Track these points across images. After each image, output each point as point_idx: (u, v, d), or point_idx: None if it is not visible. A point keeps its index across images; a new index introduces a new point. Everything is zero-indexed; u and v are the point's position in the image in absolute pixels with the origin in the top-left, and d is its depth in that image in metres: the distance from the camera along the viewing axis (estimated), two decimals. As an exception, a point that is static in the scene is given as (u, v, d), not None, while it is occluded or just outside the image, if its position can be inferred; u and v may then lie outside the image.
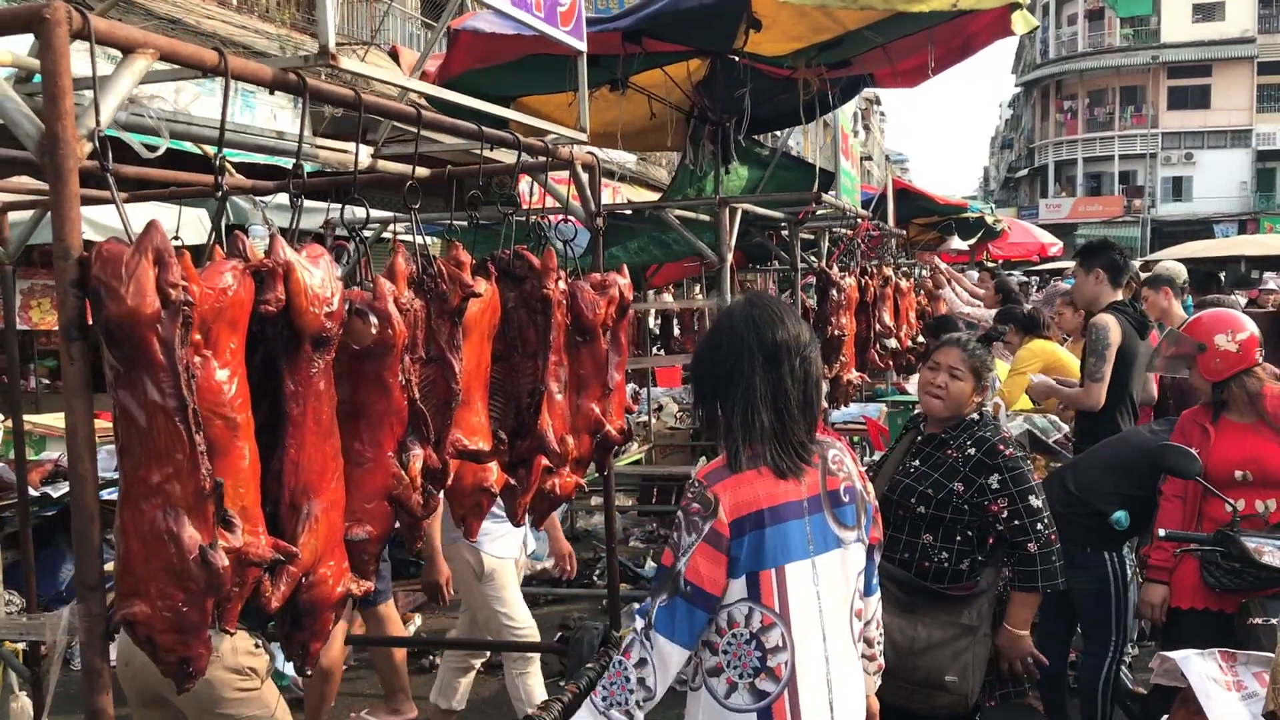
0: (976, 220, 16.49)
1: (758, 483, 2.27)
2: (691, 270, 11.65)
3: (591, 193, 3.84)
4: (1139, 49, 48.48)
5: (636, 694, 2.21)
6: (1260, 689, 2.74)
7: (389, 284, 2.51)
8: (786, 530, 2.27)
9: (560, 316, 3.21)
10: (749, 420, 2.32)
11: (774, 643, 2.25)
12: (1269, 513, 3.72)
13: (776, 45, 5.56)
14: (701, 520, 2.23)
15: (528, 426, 3.10)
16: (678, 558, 2.24)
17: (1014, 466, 3.42)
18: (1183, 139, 48.37)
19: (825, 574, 2.33)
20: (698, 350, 2.51)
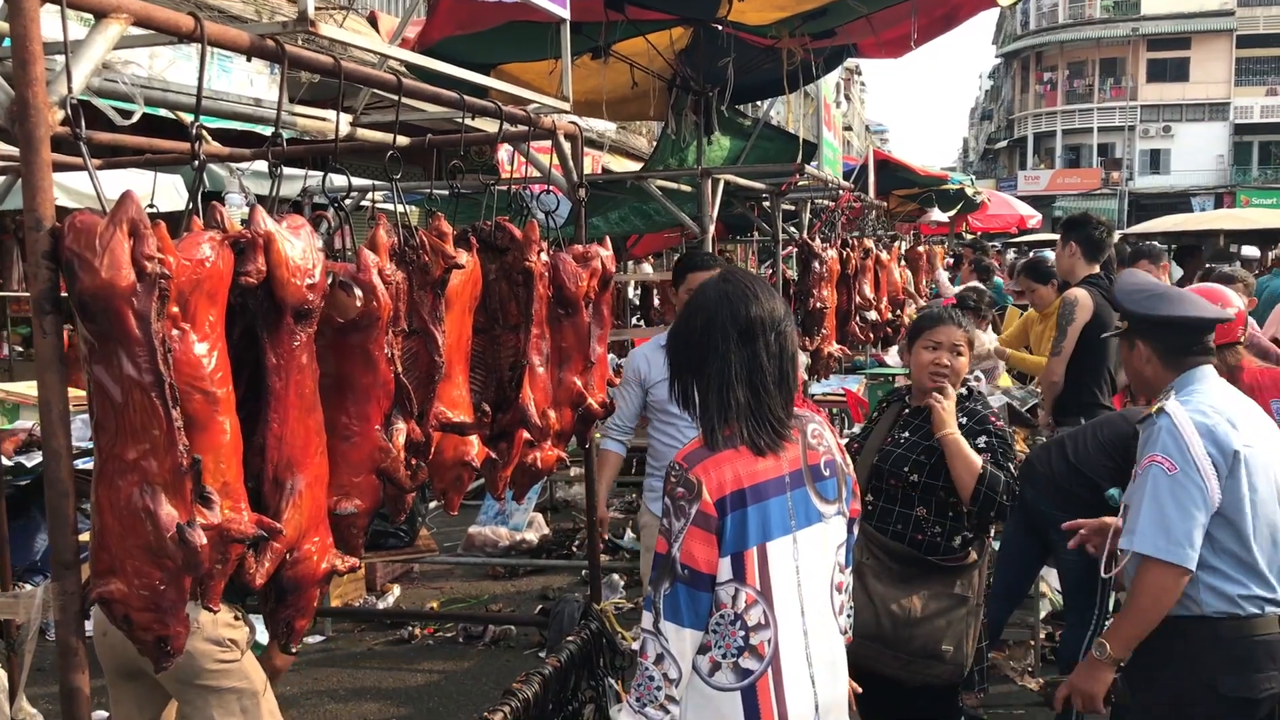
0: (956, 192, 16.48)
1: (737, 461, 2.25)
2: (672, 241, 11.60)
3: (574, 163, 3.80)
4: (1119, 21, 48.46)
5: (664, 689, 2.20)
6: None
7: (373, 255, 2.47)
8: (768, 508, 2.26)
9: (542, 289, 3.18)
10: (725, 399, 2.28)
11: (756, 620, 2.24)
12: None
13: (760, 14, 5.51)
14: (687, 504, 2.20)
15: (509, 399, 3.07)
16: (671, 544, 2.22)
17: (1002, 436, 3.51)
18: (1161, 112, 48.43)
19: (806, 549, 2.33)
20: (673, 328, 2.46)
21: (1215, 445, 2.79)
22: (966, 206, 17.77)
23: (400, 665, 5.77)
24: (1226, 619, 2.78)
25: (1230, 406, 2.89)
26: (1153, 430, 2.87)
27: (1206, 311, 3.03)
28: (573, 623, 4.01)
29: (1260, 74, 47.97)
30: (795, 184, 7.11)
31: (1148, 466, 2.82)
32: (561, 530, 7.90)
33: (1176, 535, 2.74)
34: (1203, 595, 2.80)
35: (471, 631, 6.10)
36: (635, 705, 2.22)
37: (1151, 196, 45.12)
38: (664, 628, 2.20)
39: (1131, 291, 3.14)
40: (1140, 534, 2.79)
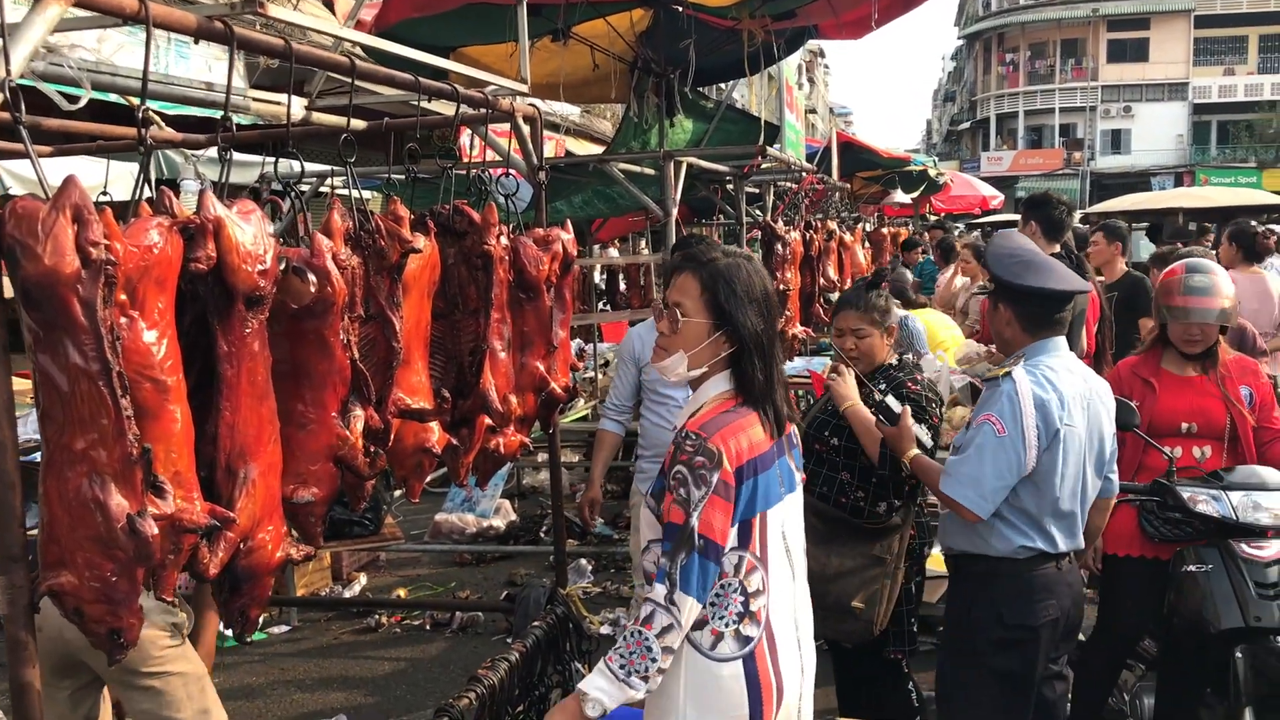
0: (919, 173, 16.53)
1: (749, 430, 2.30)
2: (637, 224, 11.58)
3: (534, 145, 3.77)
4: (1079, 2, 48.71)
5: (659, 662, 2.19)
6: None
7: (326, 240, 2.44)
8: (769, 477, 2.32)
9: (502, 273, 3.15)
10: (764, 373, 2.37)
11: (756, 586, 2.29)
12: (1205, 459, 3.79)
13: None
14: (709, 472, 2.22)
15: (470, 385, 3.05)
16: (689, 514, 2.21)
17: (915, 398, 3.62)
18: (1121, 92, 48.83)
19: (790, 515, 2.42)
20: (725, 277, 2.38)
21: (1044, 420, 3.07)
22: (929, 188, 17.84)
23: (367, 654, 5.75)
24: (1007, 560, 3.16)
25: (1065, 384, 3.14)
26: (995, 391, 3.13)
27: (1068, 284, 3.22)
28: (539, 608, 4.01)
29: (1218, 54, 48.46)
30: (758, 166, 7.10)
31: (982, 423, 3.09)
32: (529, 516, 7.89)
33: (985, 490, 3.07)
34: (993, 539, 3.16)
35: (439, 619, 6.08)
36: (620, 673, 2.18)
37: (1113, 176, 45.50)
38: (678, 600, 2.19)
39: (1002, 256, 3.30)
40: (956, 480, 3.10)
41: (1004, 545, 3.16)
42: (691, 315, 2.38)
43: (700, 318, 2.37)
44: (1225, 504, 3.43)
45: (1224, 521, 3.44)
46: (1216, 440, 3.78)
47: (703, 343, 2.37)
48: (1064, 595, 3.22)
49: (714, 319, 2.37)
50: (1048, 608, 3.18)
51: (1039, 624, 3.18)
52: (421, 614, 6.17)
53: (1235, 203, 10.76)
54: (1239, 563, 3.38)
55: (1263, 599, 3.32)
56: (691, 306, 2.38)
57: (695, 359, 2.38)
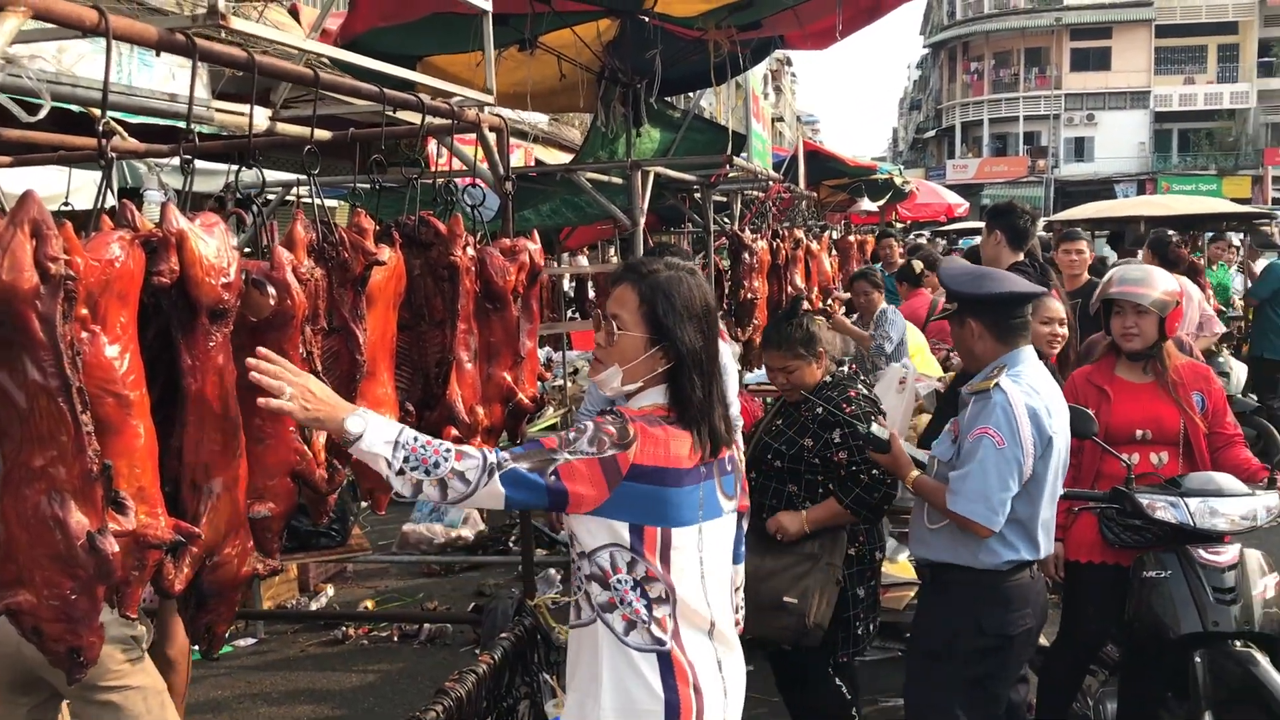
0: (885, 182, 16.66)
1: (674, 442, 2.23)
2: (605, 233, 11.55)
3: (500, 155, 3.77)
4: (1042, 11, 49.22)
5: (430, 476, 2.08)
6: None
7: (287, 253, 2.43)
8: (681, 495, 2.24)
9: (468, 284, 3.15)
10: (703, 391, 2.29)
11: (658, 593, 2.23)
12: (1162, 465, 3.84)
13: (686, 6, 5.51)
14: (609, 444, 2.16)
15: (436, 396, 3.05)
16: (561, 449, 2.16)
17: (853, 422, 3.71)
18: (1084, 100, 49.31)
19: (709, 542, 2.32)
20: (664, 290, 2.31)
21: (1038, 429, 3.17)
22: (895, 196, 17.97)
23: (335, 666, 5.71)
24: (990, 572, 3.23)
25: (1047, 391, 3.24)
26: (988, 404, 3.17)
27: (1026, 286, 3.36)
28: (506, 619, 3.99)
29: (1178, 63, 49.07)
30: (725, 175, 7.13)
31: (980, 437, 3.13)
32: (498, 526, 7.86)
33: (994, 503, 3.13)
34: (980, 553, 3.22)
35: (407, 630, 6.05)
36: (403, 446, 2.09)
37: (1076, 184, 45.92)
38: (493, 483, 2.10)
39: (957, 275, 3.45)
40: (964, 498, 3.15)
41: (991, 559, 3.22)
42: (629, 328, 2.31)
43: (637, 331, 2.30)
44: (1183, 510, 3.48)
45: (1182, 528, 3.49)
46: (1172, 446, 3.84)
47: (639, 357, 2.30)
48: (1037, 604, 3.31)
49: (651, 333, 2.29)
50: (1024, 617, 3.26)
51: (1015, 633, 3.25)
52: (389, 625, 6.14)
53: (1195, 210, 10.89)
54: (1197, 568, 3.43)
55: (1220, 604, 3.37)
56: (629, 319, 2.31)
57: (631, 373, 2.32)
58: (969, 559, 3.24)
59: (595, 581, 2.25)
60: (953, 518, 3.21)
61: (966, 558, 3.24)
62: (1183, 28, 47.90)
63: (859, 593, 3.85)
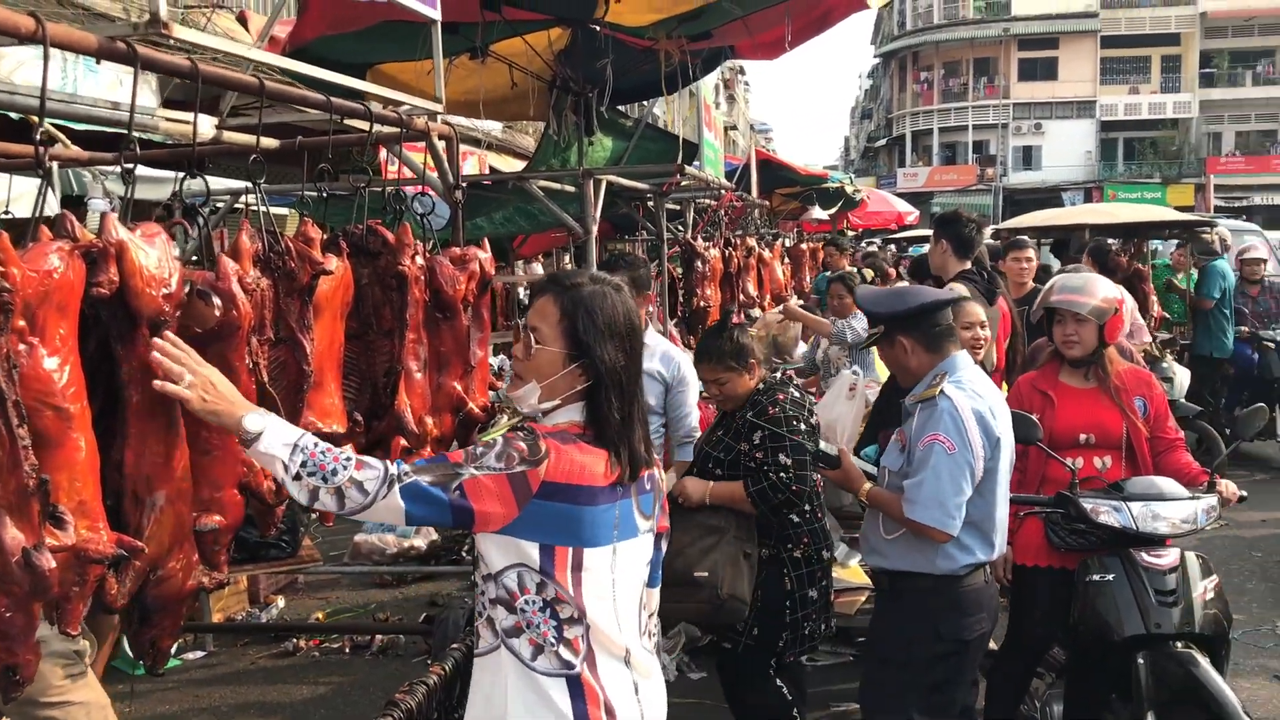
0: (836, 190, 16.79)
1: (588, 459, 2.16)
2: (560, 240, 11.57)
3: (449, 164, 3.76)
4: (991, 21, 49.86)
5: (326, 484, 2.01)
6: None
7: (233, 263, 2.41)
8: (595, 514, 2.16)
9: (418, 293, 3.14)
10: (621, 413, 2.22)
11: (568, 615, 2.15)
12: (1106, 469, 3.91)
13: (637, 16, 5.52)
14: (520, 460, 2.08)
15: (385, 407, 3.03)
16: (467, 463, 2.08)
17: (773, 426, 3.78)
18: (1032, 109, 50.00)
19: (623, 563, 2.24)
20: (587, 306, 2.24)
21: (985, 431, 3.23)
22: (846, 204, 18.11)
23: (285, 679, 5.65)
24: (947, 577, 3.28)
25: (990, 394, 3.32)
26: (935, 411, 3.22)
27: (938, 296, 3.47)
28: (458, 629, 3.98)
29: (1123, 73, 49.93)
30: (677, 184, 7.16)
31: (931, 444, 3.18)
32: (451, 535, 7.81)
33: (949, 508, 3.18)
34: (938, 559, 3.28)
35: (358, 642, 6.00)
36: (301, 450, 2.02)
37: (1024, 192, 46.55)
38: (392, 496, 2.03)
39: (875, 298, 3.55)
40: (921, 505, 3.19)
41: (948, 564, 3.28)
42: (547, 343, 2.22)
43: (556, 346, 2.22)
44: (1126, 514, 3.54)
45: (1124, 531, 3.55)
46: (1115, 450, 3.91)
47: (557, 373, 2.21)
48: (991, 609, 3.37)
49: (571, 349, 2.21)
50: (979, 621, 3.31)
51: (971, 638, 3.31)
52: (340, 637, 6.08)
53: (1139, 219, 11.05)
54: (1139, 571, 3.49)
55: (1162, 606, 3.43)
56: (549, 333, 2.23)
57: (549, 390, 2.23)
58: (927, 566, 3.28)
59: (501, 605, 2.16)
60: (910, 526, 3.24)
61: (924, 564, 3.28)
62: (1127, 39, 48.73)
63: (810, 594, 3.86)
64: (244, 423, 2.02)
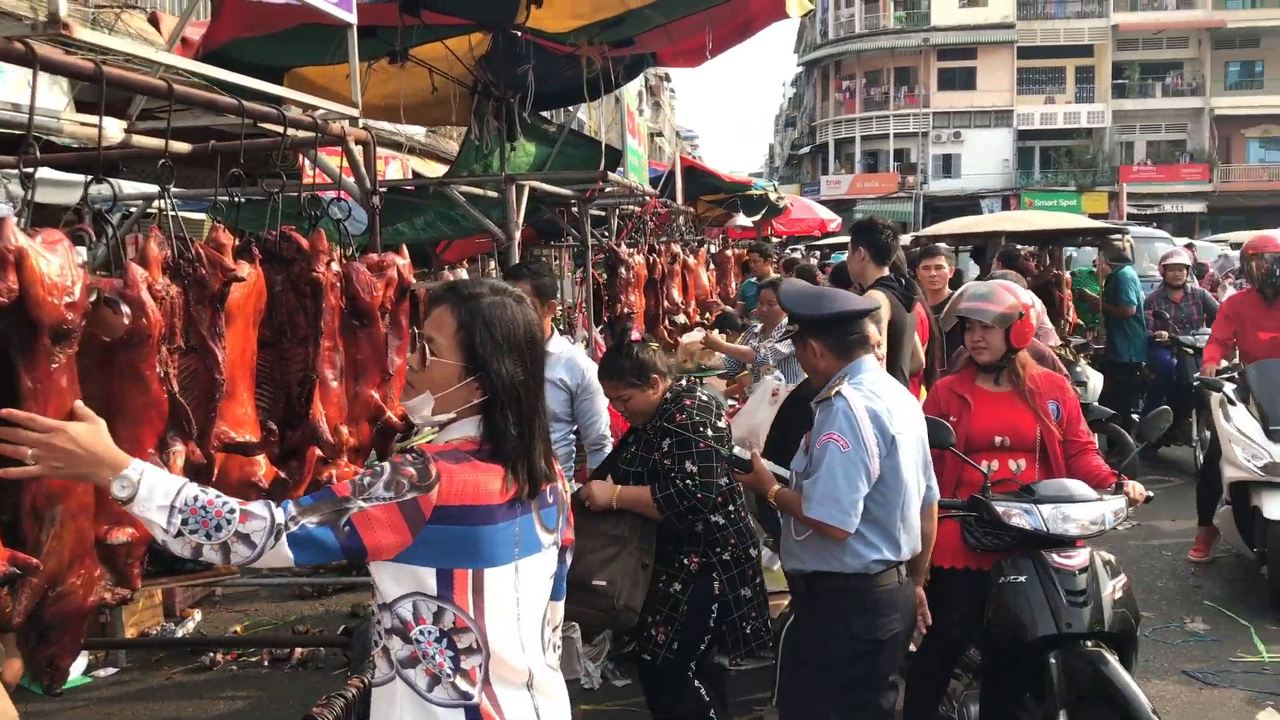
0: (760, 197, 16.94)
1: (484, 477, 2.09)
2: (484, 246, 11.50)
3: (366, 169, 3.72)
4: (911, 31, 50.62)
5: (211, 540, 1.91)
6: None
7: (142, 270, 2.36)
8: (494, 533, 2.10)
9: (333, 300, 3.10)
10: (519, 429, 2.15)
11: (467, 644, 2.08)
12: (1020, 471, 3.99)
13: (558, 22, 5.52)
14: (410, 487, 2.01)
15: (299, 416, 2.98)
16: (354, 496, 2.00)
17: (681, 432, 3.84)
18: (952, 118, 50.87)
19: (526, 579, 2.18)
20: (478, 336, 2.16)
21: (880, 429, 3.27)
22: (770, 211, 18.28)
23: (201, 694, 5.53)
24: (858, 575, 3.31)
25: (889, 395, 3.36)
26: (831, 411, 3.29)
27: (860, 305, 3.53)
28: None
29: (1039, 83, 51.02)
30: (601, 190, 7.16)
31: (826, 443, 3.24)
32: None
33: (844, 505, 3.22)
34: (846, 557, 3.30)
35: (277, 655, 5.89)
36: (180, 507, 1.91)
37: (944, 199, 47.32)
38: (280, 545, 1.94)
39: (797, 298, 3.59)
40: (817, 502, 3.25)
41: (856, 562, 3.30)
42: (443, 355, 2.15)
43: (452, 359, 2.14)
44: (1037, 517, 3.61)
45: (1036, 534, 3.62)
46: (1029, 453, 4.00)
47: (452, 386, 2.14)
48: (905, 609, 3.40)
49: (467, 362, 2.13)
50: (893, 622, 3.34)
51: (885, 638, 3.33)
52: (259, 651, 5.97)
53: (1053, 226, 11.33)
54: (1050, 572, 3.57)
55: (1073, 606, 3.51)
56: (444, 345, 2.15)
57: (443, 403, 2.16)
58: (836, 565, 3.31)
59: (396, 635, 2.09)
60: (810, 524, 3.29)
61: (833, 564, 3.31)
62: (1043, 49, 49.83)
63: (744, 593, 3.91)
64: (112, 489, 1.89)
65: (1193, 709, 4.92)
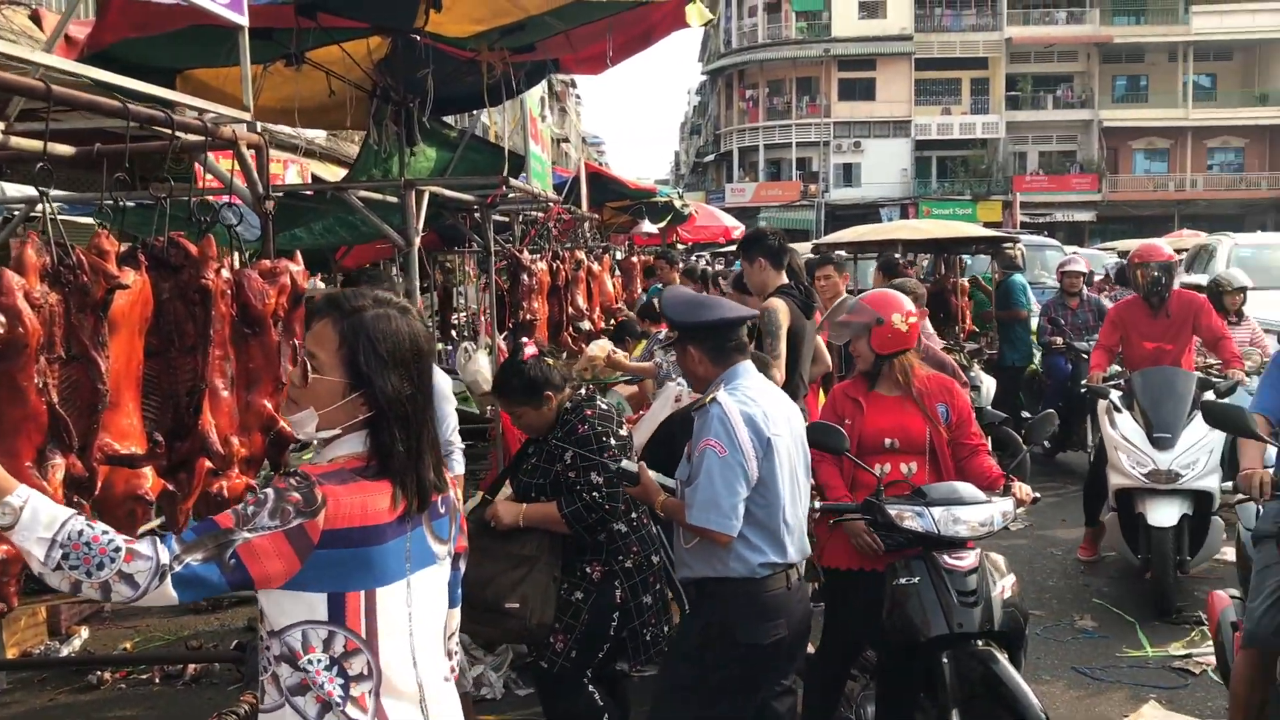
0: (665, 204, 17.05)
1: (372, 497, 2.04)
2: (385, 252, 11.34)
3: (259, 174, 3.65)
4: (812, 42, 51.41)
5: (92, 578, 1.84)
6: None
7: (18, 278, 2.29)
8: (385, 551, 2.05)
9: (223, 307, 3.04)
10: (407, 444, 2.10)
11: (358, 670, 2.04)
12: (913, 474, 4.08)
13: (458, 26, 5.48)
14: (296, 513, 1.95)
15: (188, 426, 2.91)
16: (239, 527, 1.94)
17: (583, 444, 3.86)
18: (852, 128, 51.75)
19: (419, 593, 2.15)
20: (361, 352, 2.10)
21: (755, 432, 3.31)
22: (675, 218, 18.41)
23: (88, 714, 5.35)
24: (745, 580, 3.33)
25: (765, 399, 3.41)
26: (707, 418, 3.33)
27: (736, 313, 3.58)
28: (272, 655, 3.84)
29: (935, 95, 52.23)
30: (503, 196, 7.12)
31: (703, 450, 3.28)
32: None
33: (724, 509, 3.25)
34: (732, 561, 3.33)
35: (170, 671, 5.72)
36: (62, 542, 1.84)
37: (845, 207, 48.12)
38: (165, 586, 1.88)
39: (677, 305, 3.64)
40: (698, 509, 3.27)
41: (742, 566, 3.32)
42: (325, 372, 2.09)
43: (335, 375, 2.08)
44: (928, 519, 3.69)
45: (928, 535, 3.70)
46: (920, 455, 4.09)
47: (336, 403, 2.08)
48: (794, 614, 3.43)
49: (351, 378, 2.08)
50: (778, 627, 3.37)
51: (767, 643, 3.35)
52: (150, 667, 5.79)
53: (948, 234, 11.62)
54: (943, 573, 3.65)
55: (964, 606, 3.59)
56: (326, 361, 2.09)
57: (327, 419, 2.10)
58: (723, 570, 3.34)
59: (284, 662, 2.05)
60: (693, 531, 3.32)
61: (720, 569, 3.34)
62: (939, 61, 51.02)
63: (645, 600, 3.94)
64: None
65: (1081, 704, 5.08)
